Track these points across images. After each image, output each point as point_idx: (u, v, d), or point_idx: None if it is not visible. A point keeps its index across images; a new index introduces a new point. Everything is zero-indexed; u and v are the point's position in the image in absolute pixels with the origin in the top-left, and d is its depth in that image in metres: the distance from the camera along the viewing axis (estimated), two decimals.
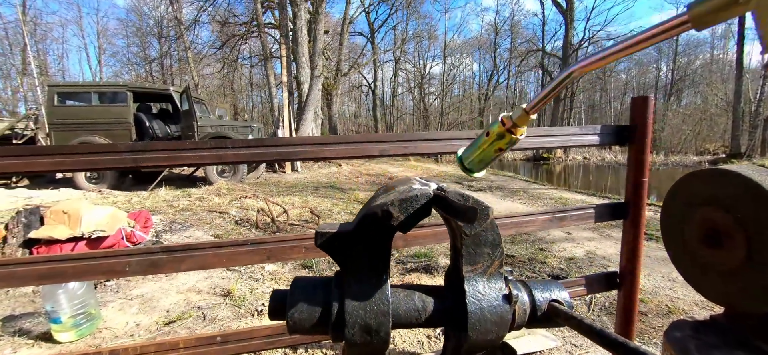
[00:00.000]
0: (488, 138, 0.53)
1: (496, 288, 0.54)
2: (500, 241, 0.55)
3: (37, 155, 1.00)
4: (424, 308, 0.55)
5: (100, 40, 28.91)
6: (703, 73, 30.55)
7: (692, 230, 1.12)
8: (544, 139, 1.47)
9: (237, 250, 1.15)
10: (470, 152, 0.57)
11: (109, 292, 2.44)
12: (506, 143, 0.51)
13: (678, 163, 18.83)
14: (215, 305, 2.30)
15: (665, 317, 2.12)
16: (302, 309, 0.51)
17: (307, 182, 8.16)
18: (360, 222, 0.50)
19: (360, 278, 0.51)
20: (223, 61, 21.64)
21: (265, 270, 2.88)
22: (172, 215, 4.70)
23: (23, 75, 21.22)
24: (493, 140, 0.52)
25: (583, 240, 3.66)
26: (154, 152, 1.05)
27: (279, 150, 1.15)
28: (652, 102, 1.53)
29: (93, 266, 1.06)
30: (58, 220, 2.63)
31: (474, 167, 0.57)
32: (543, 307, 0.55)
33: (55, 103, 7.21)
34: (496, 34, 32.89)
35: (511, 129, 0.50)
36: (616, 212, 1.60)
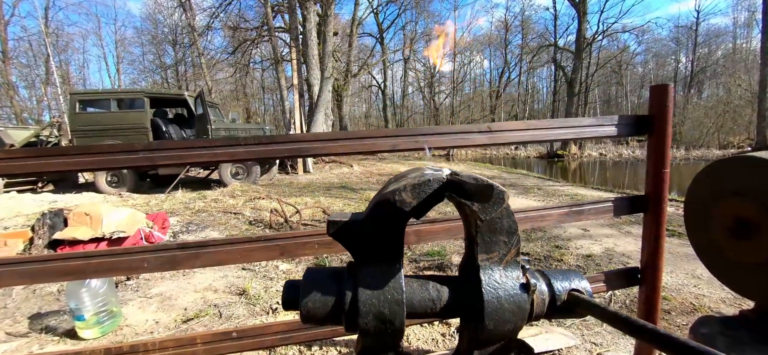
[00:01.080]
0: None
1: (513, 277, 0.52)
2: (516, 228, 0.53)
3: (60, 156, 1.04)
4: (439, 297, 0.53)
5: (118, 48, 29.95)
6: (725, 63, 29.28)
7: (719, 222, 1.07)
8: (558, 131, 1.43)
9: (251, 246, 1.16)
10: None
11: (129, 291, 2.51)
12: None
13: (699, 157, 18.11)
14: (231, 304, 2.34)
15: (689, 314, 2.04)
16: (315, 299, 0.51)
17: (319, 183, 8.22)
18: (373, 210, 0.50)
19: (373, 266, 0.51)
20: (235, 66, 22.07)
21: (278, 269, 2.91)
22: (188, 217, 4.81)
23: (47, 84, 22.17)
24: None
25: (601, 237, 3.56)
26: (169, 151, 1.08)
27: (290, 146, 1.15)
28: (671, 90, 1.47)
29: (113, 262, 1.09)
30: (81, 221, 2.73)
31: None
32: (563, 297, 0.53)
33: (76, 111, 7.49)
34: (506, 30, 32.40)
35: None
36: (636, 205, 1.54)
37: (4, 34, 20.07)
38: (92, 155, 1.04)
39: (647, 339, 0.42)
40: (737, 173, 0.99)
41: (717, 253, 1.07)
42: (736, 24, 31.46)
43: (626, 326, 0.44)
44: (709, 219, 1.07)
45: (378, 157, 15.64)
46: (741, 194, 0.96)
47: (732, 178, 1.00)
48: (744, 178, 0.96)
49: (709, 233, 1.08)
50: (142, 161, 1.06)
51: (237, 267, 2.97)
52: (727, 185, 1.02)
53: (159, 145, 1.07)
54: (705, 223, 1.10)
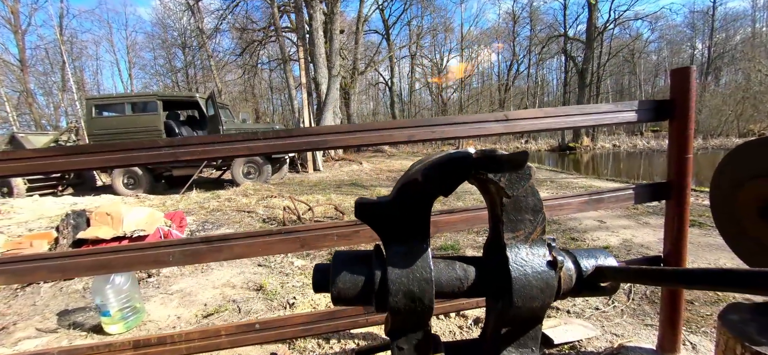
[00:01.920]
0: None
1: (539, 254, 0.52)
2: (541, 206, 0.53)
3: (88, 153, 1.07)
4: (466, 276, 0.54)
5: (130, 54, 30.64)
6: (743, 48, 28.19)
7: (748, 205, 1.04)
8: (575, 118, 1.40)
9: (271, 239, 1.18)
10: None
11: (151, 287, 2.59)
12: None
13: (718, 146, 17.55)
14: (249, 299, 2.38)
15: (714, 305, 1.99)
16: (345, 279, 0.51)
17: (330, 181, 8.27)
18: (400, 190, 0.50)
19: (401, 246, 0.51)
20: (243, 67, 22.34)
21: (294, 266, 2.95)
22: (203, 216, 4.91)
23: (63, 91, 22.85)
24: None
25: (618, 228, 3.49)
26: (190, 146, 1.10)
27: (307, 140, 1.16)
28: (693, 72, 1.42)
29: (140, 256, 1.12)
30: (103, 221, 2.82)
31: None
32: (589, 271, 0.53)
33: (93, 115, 7.71)
34: (514, 22, 31.86)
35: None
36: (658, 192, 1.50)
37: (22, 44, 20.76)
38: (117, 152, 1.07)
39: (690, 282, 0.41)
40: (762, 156, 0.95)
41: (744, 237, 1.04)
42: (755, 7, 30.23)
43: (662, 278, 0.43)
44: (736, 203, 1.03)
45: (387, 154, 15.64)
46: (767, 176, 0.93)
47: (757, 160, 0.97)
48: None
49: (735, 217, 1.05)
50: (165, 157, 1.09)
51: (253, 263, 3.02)
52: (753, 168, 0.99)
53: (181, 141, 1.10)
54: (731, 207, 1.07)
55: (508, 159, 0.40)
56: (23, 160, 1.04)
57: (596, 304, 2.07)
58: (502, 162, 0.43)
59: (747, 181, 1.01)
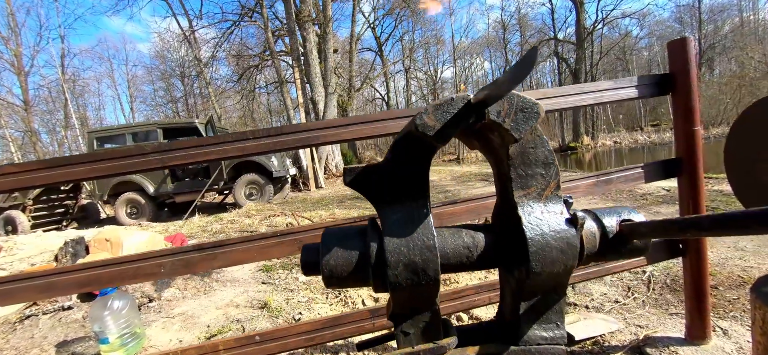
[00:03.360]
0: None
1: (556, 211, 0.46)
2: (553, 158, 0.47)
3: (73, 164, 1.03)
4: (475, 244, 0.48)
5: (131, 88, 31.27)
6: (734, 37, 28.43)
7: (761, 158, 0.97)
8: (575, 98, 1.36)
9: (267, 242, 1.12)
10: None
11: (152, 312, 2.51)
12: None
13: (720, 135, 17.44)
14: (253, 318, 2.30)
15: (739, 288, 1.89)
16: (338, 255, 0.46)
17: (332, 197, 8.23)
18: (393, 148, 0.45)
19: (398, 211, 0.45)
20: (241, 92, 22.67)
21: (299, 281, 2.87)
22: (206, 238, 4.85)
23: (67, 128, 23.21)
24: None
25: None
26: (178, 150, 1.06)
27: (299, 136, 1.13)
28: (691, 43, 1.39)
29: (130, 269, 1.07)
30: (102, 247, 2.77)
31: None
32: (614, 229, 0.47)
33: (95, 148, 7.77)
34: (504, 30, 32.42)
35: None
36: (669, 169, 1.44)
37: (25, 85, 21.23)
38: (102, 161, 1.03)
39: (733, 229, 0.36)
40: None
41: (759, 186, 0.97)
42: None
43: (697, 227, 0.38)
44: (757, 162, 0.97)
45: None
46: None
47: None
48: None
49: (758, 181, 0.98)
50: (153, 164, 1.05)
51: (257, 281, 2.94)
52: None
53: (169, 146, 1.06)
54: (751, 173, 1.00)
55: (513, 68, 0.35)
56: (12, 176, 1.00)
57: (616, 297, 1.97)
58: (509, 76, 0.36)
59: (759, 137, 0.96)
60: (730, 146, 1.07)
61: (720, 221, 0.35)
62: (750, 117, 1.01)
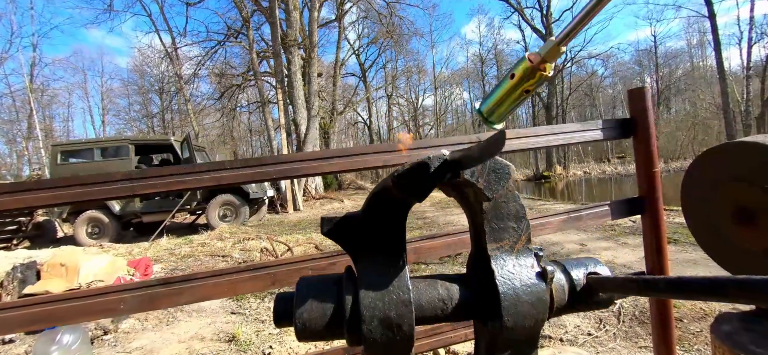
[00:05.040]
0: (513, 80, 0.46)
1: (527, 265, 0.48)
2: (524, 212, 0.49)
3: (35, 190, 0.97)
4: (450, 296, 0.48)
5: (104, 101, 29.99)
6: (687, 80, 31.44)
7: (719, 211, 1.05)
8: (546, 138, 1.45)
9: (239, 277, 1.08)
10: (492, 100, 0.50)
11: (106, 346, 2.30)
12: (535, 82, 0.45)
13: (679, 168, 18.82)
14: (220, 352, 2.16)
15: (702, 320, 1.98)
16: (311, 308, 0.45)
17: (310, 220, 8.06)
18: (371, 200, 0.46)
19: (375, 265, 0.46)
20: (222, 110, 22.30)
21: (270, 311, 2.74)
22: (173, 262, 4.58)
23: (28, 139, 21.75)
24: (519, 80, 0.46)
25: (599, 250, 3.53)
26: (151, 179, 1.02)
27: (280, 168, 1.11)
28: (648, 91, 1.52)
29: (85, 306, 0.99)
30: (56, 273, 2.54)
31: (496, 117, 0.50)
32: (582, 282, 0.49)
33: (58, 162, 7.30)
34: (482, 63, 34.22)
35: (540, 66, 0.44)
36: (633, 207, 1.53)
37: None
38: (72, 187, 0.97)
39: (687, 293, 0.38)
40: (731, 160, 0.99)
41: (721, 244, 1.05)
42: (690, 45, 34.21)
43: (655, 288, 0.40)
44: (709, 208, 1.06)
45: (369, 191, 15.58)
46: (739, 179, 0.96)
47: (727, 164, 1.01)
48: (739, 163, 0.97)
49: (710, 222, 1.06)
50: (122, 192, 1.00)
51: (225, 311, 2.78)
52: (726, 171, 1.02)
53: (141, 173, 1.02)
54: (705, 213, 1.09)
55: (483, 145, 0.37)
56: None
57: (588, 329, 2.01)
58: (475, 157, 0.39)
59: (715, 187, 1.04)
60: (685, 189, 1.15)
61: (674, 284, 0.38)
62: (700, 164, 1.11)
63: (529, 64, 0.45)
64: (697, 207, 1.11)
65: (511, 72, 0.47)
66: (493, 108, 0.50)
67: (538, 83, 0.46)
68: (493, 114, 0.50)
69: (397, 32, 22.23)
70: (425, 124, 35.30)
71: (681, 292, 0.38)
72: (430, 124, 35.23)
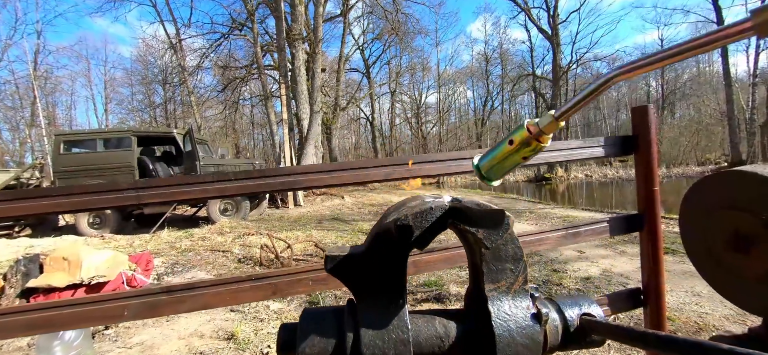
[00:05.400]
0: (512, 146, 0.49)
1: (523, 307, 0.49)
2: (522, 254, 0.51)
3: (39, 198, 0.98)
4: (447, 334, 0.50)
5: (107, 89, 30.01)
6: (692, 85, 31.24)
7: (715, 237, 1.06)
8: (548, 154, 1.45)
9: (240, 286, 1.10)
10: (489, 160, 0.52)
11: (107, 341, 2.33)
12: (532, 151, 0.48)
13: (681, 174, 18.76)
14: (218, 350, 2.19)
15: (695, 334, 2.00)
16: (313, 342, 0.46)
17: (311, 216, 8.09)
18: (373, 241, 0.47)
19: (375, 303, 0.47)
20: (224, 102, 22.31)
21: (269, 309, 2.77)
22: (174, 257, 4.61)
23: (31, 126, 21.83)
24: (517, 148, 0.48)
25: (597, 258, 3.54)
26: (157, 188, 1.04)
27: (283, 180, 1.13)
28: (652, 110, 1.52)
29: (88, 312, 1.01)
30: (58, 267, 2.57)
31: (493, 176, 0.53)
32: (575, 323, 0.51)
33: (61, 152, 7.34)
34: (487, 62, 34.08)
35: (538, 137, 0.47)
36: (631, 224, 1.54)
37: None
38: (75, 196, 0.99)
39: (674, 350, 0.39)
40: (727, 188, 1.00)
41: (717, 267, 1.06)
42: None
43: (644, 341, 0.41)
44: (706, 232, 1.07)
45: (369, 187, 15.62)
46: (735, 207, 0.97)
47: (723, 193, 1.01)
48: (738, 191, 0.98)
49: (707, 247, 1.08)
50: (128, 200, 1.01)
51: (225, 309, 2.81)
52: (722, 199, 1.03)
53: (146, 183, 1.03)
54: (702, 237, 1.10)
55: (480, 215, 0.39)
56: None
57: None
58: (475, 219, 0.41)
59: (712, 213, 1.05)
60: (683, 214, 1.16)
61: (663, 340, 0.39)
62: (698, 190, 1.12)
63: (528, 133, 0.46)
64: (694, 232, 1.12)
65: (510, 138, 0.48)
66: (490, 167, 0.52)
67: (533, 152, 0.48)
68: (489, 171, 0.52)
69: (402, 29, 22.11)
70: (428, 122, 35.24)
71: (668, 348, 0.40)
72: (433, 121, 35.18)
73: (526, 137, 0.47)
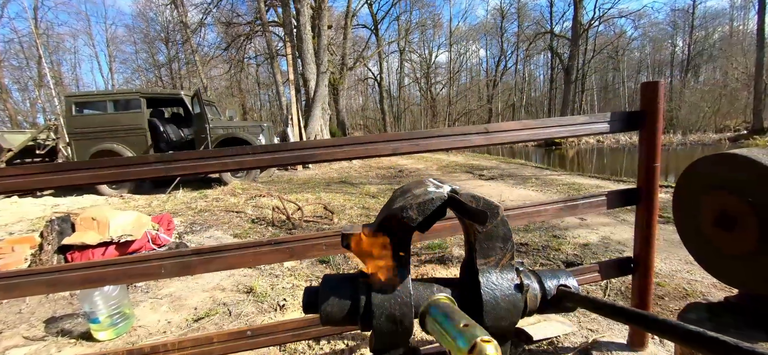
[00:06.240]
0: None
1: (508, 279, 0.58)
2: (511, 235, 0.59)
3: (76, 170, 1.08)
4: None
5: (110, 47, 29.58)
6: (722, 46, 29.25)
7: (704, 214, 1.13)
8: (552, 129, 1.48)
9: (261, 250, 1.22)
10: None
11: (139, 292, 2.58)
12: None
13: (696, 142, 18.24)
14: (239, 302, 2.41)
15: (682, 300, 2.12)
16: (333, 303, 0.57)
17: (319, 179, 8.27)
18: (381, 223, 0.55)
19: (383, 273, 0.57)
20: (229, 62, 21.91)
21: (284, 266, 2.98)
22: (191, 217, 4.87)
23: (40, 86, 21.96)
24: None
25: (597, 225, 3.64)
26: (181, 161, 1.13)
27: (296, 153, 1.20)
28: (662, 86, 1.52)
29: (131, 269, 1.15)
30: (88, 226, 2.78)
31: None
32: (552, 292, 0.60)
33: (73, 113, 7.48)
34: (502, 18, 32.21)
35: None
36: (629, 198, 1.60)
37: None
38: (111, 168, 1.09)
39: (626, 320, 0.48)
40: (721, 169, 1.05)
41: (703, 244, 1.14)
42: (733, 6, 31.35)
43: (609, 310, 0.50)
44: (696, 211, 1.13)
45: None
46: (724, 188, 1.02)
47: (716, 173, 1.06)
48: (727, 173, 1.02)
49: (695, 224, 1.14)
50: (158, 173, 1.11)
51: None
52: (712, 180, 1.08)
53: (172, 157, 1.12)
54: (692, 215, 1.16)
55: (473, 211, 0.46)
56: (11, 178, 1.04)
57: None
58: (469, 213, 0.49)
59: (705, 191, 1.11)
60: (676, 196, 1.22)
61: (640, 317, 0.47)
62: (691, 172, 1.16)
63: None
64: (686, 208, 1.18)
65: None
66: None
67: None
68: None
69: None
70: (437, 83, 34.25)
71: (619, 316, 0.48)
72: (443, 82, 34.17)
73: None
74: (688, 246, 1.21)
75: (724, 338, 0.36)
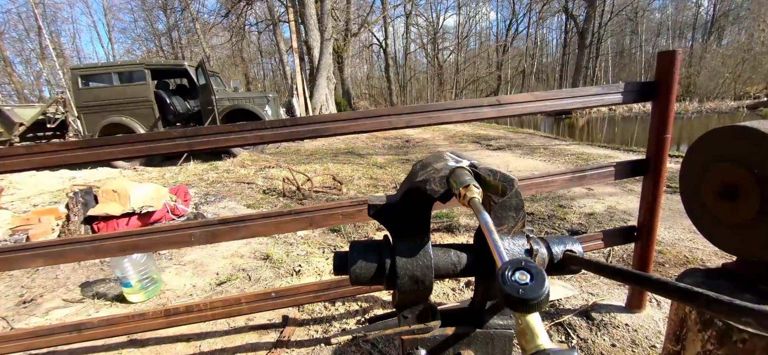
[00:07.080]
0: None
1: (519, 244, 0.64)
2: (523, 205, 0.64)
3: (107, 146, 1.15)
4: (459, 262, 0.66)
5: (108, 16, 28.90)
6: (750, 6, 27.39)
7: (709, 185, 1.17)
8: (564, 101, 1.49)
9: (282, 219, 1.30)
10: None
11: (164, 259, 2.74)
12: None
13: (713, 109, 17.64)
14: (257, 268, 2.56)
15: (682, 266, 2.19)
16: (361, 265, 0.64)
17: (326, 149, 8.32)
18: (405, 194, 0.61)
19: (407, 239, 0.63)
20: (230, 29, 21.35)
21: (297, 235, 3.11)
22: (204, 188, 5.01)
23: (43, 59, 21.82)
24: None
25: (604, 195, 3.67)
26: (204, 136, 1.18)
27: (312, 127, 1.25)
28: (679, 56, 1.49)
29: (164, 238, 1.24)
30: (110, 198, 2.91)
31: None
32: (559, 257, 0.66)
33: (79, 86, 7.50)
34: None
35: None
36: (637, 168, 1.63)
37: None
38: (136, 143, 1.15)
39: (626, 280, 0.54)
40: (728, 141, 1.06)
41: (705, 213, 1.18)
42: None
43: (609, 272, 0.56)
44: (701, 182, 1.16)
45: None
46: (733, 159, 1.04)
47: (723, 145, 1.08)
48: (733, 145, 1.04)
49: (699, 194, 1.18)
50: (182, 147, 1.17)
51: None
52: (719, 151, 1.10)
53: (195, 131, 1.17)
54: (697, 185, 1.19)
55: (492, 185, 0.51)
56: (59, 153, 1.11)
57: None
58: (488, 186, 0.53)
59: (712, 163, 1.13)
60: (683, 170, 1.24)
61: (638, 277, 0.52)
62: (698, 146, 1.18)
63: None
64: (692, 178, 1.21)
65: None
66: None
67: None
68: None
69: None
70: (445, 49, 33.10)
71: (618, 277, 0.54)
72: (451, 48, 33.00)
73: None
74: (691, 215, 1.25)
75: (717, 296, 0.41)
